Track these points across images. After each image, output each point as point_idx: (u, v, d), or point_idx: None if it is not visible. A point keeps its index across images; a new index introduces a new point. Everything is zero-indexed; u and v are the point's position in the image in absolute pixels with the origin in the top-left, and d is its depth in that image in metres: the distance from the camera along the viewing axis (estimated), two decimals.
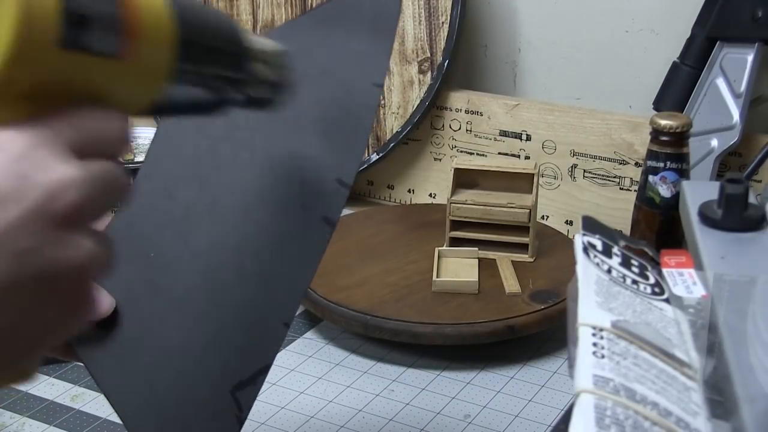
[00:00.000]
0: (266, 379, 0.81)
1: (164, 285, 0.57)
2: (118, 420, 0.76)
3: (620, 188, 1.03)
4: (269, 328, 0.54)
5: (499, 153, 1.10)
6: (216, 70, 0.44)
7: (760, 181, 0.97)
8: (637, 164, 1.01)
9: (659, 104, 0.97)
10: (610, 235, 0.55)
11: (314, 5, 1.11)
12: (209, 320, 0.56)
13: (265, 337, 0.55)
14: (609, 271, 0.52)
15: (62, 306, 0.36)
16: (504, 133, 1.09)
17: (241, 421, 0.54)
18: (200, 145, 0.59)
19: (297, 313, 0.92)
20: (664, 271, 0.55)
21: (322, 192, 0.56)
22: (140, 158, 0.89)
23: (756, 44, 0.92)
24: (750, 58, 0.92)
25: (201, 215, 0.58)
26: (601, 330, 0.46)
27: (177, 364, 0.55)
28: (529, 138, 1.08)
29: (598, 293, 0.49)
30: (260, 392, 0.80)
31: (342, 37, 0.58)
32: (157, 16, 0.39)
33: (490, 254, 0.94)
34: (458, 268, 0.91)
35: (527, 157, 1.08)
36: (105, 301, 0.55)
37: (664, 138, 0.81)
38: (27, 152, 0.34)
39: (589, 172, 1.05)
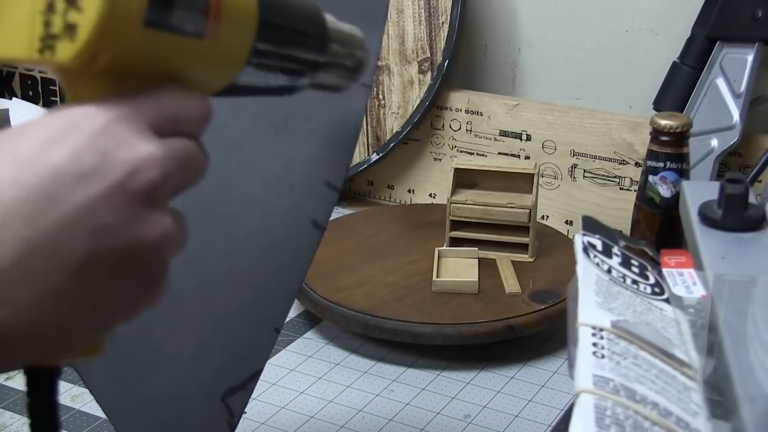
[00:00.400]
0: (266, 379, 0.82)
1: None
2: None
3: (620, 188, 1.03)
4: (260, 334, 0.55)
5: (499, 153, 1.10)
6: (296, 52, 0.43)
7: (760, 181, 0.96)
8: (637, 164, 1.01)
9: (659, 104, 0.97)
10: (610, 235, 0.55)
11: None
12: (201, 326, 0.56)
13: (256, 342, 0.55)
14: (609, 271, 0.52)
15: (138, 283, 0.36)
16: (504, 133, 1.09)
17: (232, 427, 0.54)
18: None
19: (296, 314, 0.92)
20: (664, 271, 0.55)
21: (311, 195, 0.56)
22: None
23: (756, 44, 0.92)
24: (750, 58, 0.92)
25: (192, 221, 0.58)
26: (601, 330, 0.46)
27: (168, 369, 0.55)
28: (529, 138, 1.08)
29: (598, 293, 0.49)
30: (260, 392, 0.80)
31: None
32: None
33: (490, 254, 0.94)
34: (458, 268, 0.91)
35: (527, 157, 1.08)
36: None
37: (664, 138, 0.81)
38: (109, 128, 0.34)
39: (589, 172, 1.05)
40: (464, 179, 0.96)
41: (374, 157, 1.13)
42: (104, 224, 0.34)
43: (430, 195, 1.15)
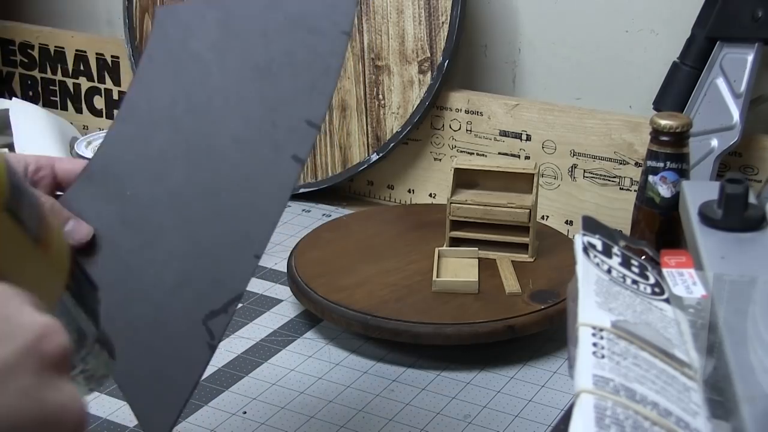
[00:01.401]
0: (266, 379, 0.82)
1: (139, 222, 0.60)
2: (118, 420, 0.77)
3: (620, 188, 1.03)
4: (241, 261, 0.58)
5: (499, 153, 1.10)
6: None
7: (760, 181, 0.97)
8: (637, 164, 1.01)
9: (659, 104, 0.97)
10: (610, 235, 0.55)
11: None
12: (183, 255, 0.59)
13: (237, 269, 0.58)
14: (609, 271, 0.52)
15: None
16: (504, 133, 1.09)
17: (212, 348, 0.57)
18: (175, 91, 0.62)
19: (296, 314, 0.92)
20: (664, 271, 0.56)
21: (293, 132, 0.59)
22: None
23: (756, 44, 0.92)
24: (750, 58, 0.92)
25: (176, 156, 0.61)
26: (601, 330, 0.46)
27: (151, 296, 0.59)
28: (529, 138, 1.08)
29: (598, 293, 0.49)
30: (260, 392, 0.80)
31: None
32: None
33: (490, 254, 0.94)
34: (458, 268, 0.91)
35: (527, 157, 1.08)
36: (83, 229, 0.58)
37: (664, 138, 0.81)
38: (2, 300, 0.35)
39: (589, 172, 1.05)
40: (464, 179, 0.96)
41: (374, 157, 1.13)
42: (24, 386, 0.33)
43: (430, 195, 1.15)
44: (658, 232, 0.83)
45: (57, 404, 0.35)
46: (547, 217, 1.08)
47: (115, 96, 1.31)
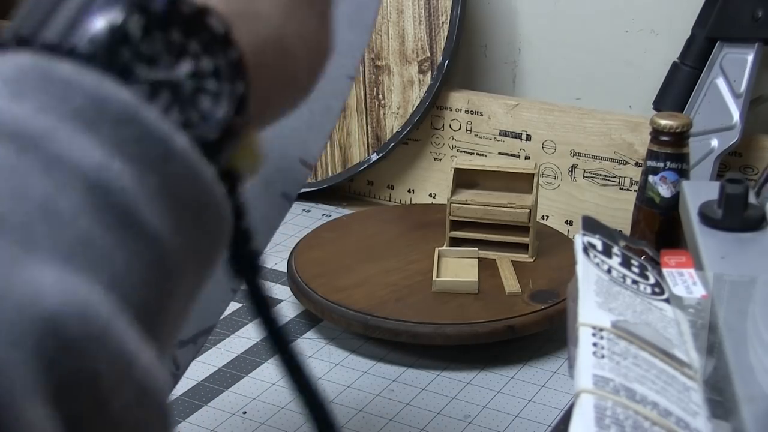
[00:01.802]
0: (266, 379, 0.82)
1: None
2: None
3: (620, 188, 1.03)
4: (217, 293, 0.57)
5: (499, 153, 1.10)
6: None
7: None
8: (637, 164, 1.01)
9: (659, 104, 0.97)
10: (610, 235, 0.55)
11: None
12: None
13: (212, 301, 0.57)
14: (609, 271, 0.52)
15: (316, 17, 0.38)
16: (504, 133, 1.09)
17: (176, 378, 0.55)
18: None
19: (296, 314, 0.92)
20: (664, 271, 0.55)
21: (286, 169, 0.58)
22: None
23: (756, 44, 0.92)
24: (750, 58, 0.92)
25: None
26: (601, 330, 0.46)
27: None
28: (529, 138, 1.08)
29: (598, 293, 0.49)
30: (260, 392, 0.80)
31: None
32: None
33: (490, 254, 0.94)
34: (458, 268, 0.91)
35: (527, 157, 1.08)
36: None
37: (664, 138, 0.81)
38: None
39: (589, 172, 1.05)
40: (464, 179, 0.96)
41: (374, 157, 1.13)
42: None
43: (430, 195, 1.15)
44: (658, 232, 0.83)
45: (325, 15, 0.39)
46: (547, 217, 1.08)
47: None
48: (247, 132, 0.36)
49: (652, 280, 0.54)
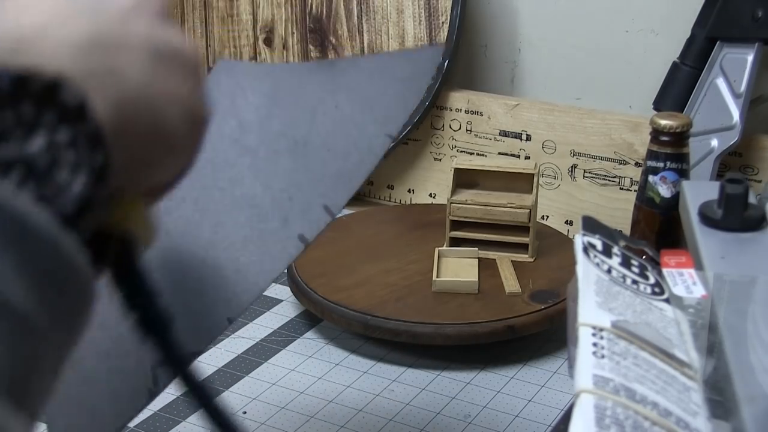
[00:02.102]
0: (266, 379, 0.82)
1: None
2: None
3: (620, 188, 1.03)
4: (212, 320, 0.56)
5: (499, 153, 1.10)
6: None
7: (760, 181, 0.97)
8: (637, 164, 1.01)
9: (659, 104, 0.97)
10: (610, 235, 0.55)
11: (313, 7, 1.12)
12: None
13: (205, 327, 0.56)
14: (609, 271, 0.52)
15: (186, 79, 0.38)
16: (504, 133, 1.09)
17: (152, 395, 0.55)
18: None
19: (296, 314, 0.92)
20: (664, 271, 0.56)
21: (307, 212, 0.58)
22: None
23: (756, 44, 0.92)
24: (750, 58, 0.92)
25: (180, 202, 0.60)
26: (601, 330, 0.46)
27: (110, 328, 0.57)
28: (529, 138, 1.08)
29: (598, 293, 0.49)
30: (260, 392, 0.80)
31: (373, 85, 0.61)
32: None
33: (490, 254, 0.94)
34: (458, 268, 0.91)
35: (527, 157, 1.08)
36: None
37: (664, 138, 0.81)
38: None
39: (589, 172, 1.05)
40: (464, 179, 0.96)
41: None
42: (147, 22, 0.37)
43: (430, 195, 1.15)
44: (658, 232, 0.83)
45: (178, 39, 0.38)
46: (547, 217, 1.08)
47: None
48: (121, 200, 0.36)
49: (652, 280, 0.54)
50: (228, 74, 0.63)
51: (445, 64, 1.08)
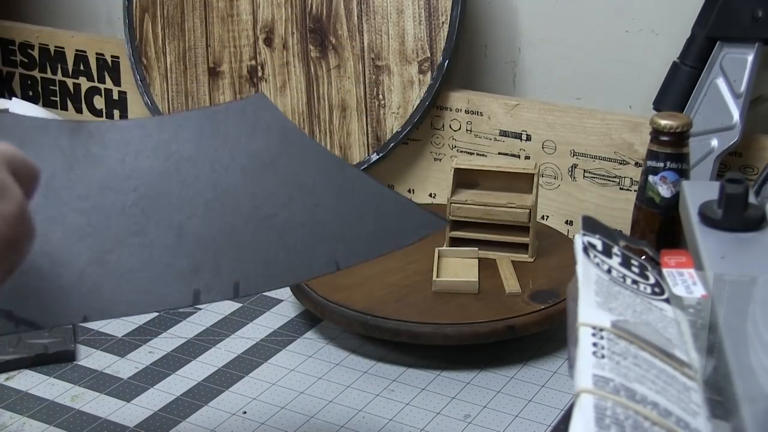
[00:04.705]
0: (266, 379, 0.82)
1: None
2: (118, 420, 0.77)
3: (620, 188, 1.03)
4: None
5: (499, 153, 1.10)
6: None
7: None
8: (637, 164, 1.01)
9: (659, 104, 0.97)
10: (610, 235, 0.55)
11: (313, 7, 1.11)
12: None
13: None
14: (609, 271, 0.52)
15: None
16: (504, 133, 1.09)
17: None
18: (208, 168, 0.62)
19: (296, 314, 0.92)
20: (664, 271, 0.56)
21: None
22: None
23: (756, 44, 0.92)
24: (750, 58, 0.92)
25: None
26: (601, 330, 0.46)
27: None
28: (529, 138, 1.08)
29: (598, 293, 0.49)
30: (260, 392, 0.80)
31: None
32: None
33: (490, 254, 0.94)
34: (458, 268, 0.91)
35: (527, 157, 1.08)
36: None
37: (664, 138, 0.81)
38: None
39: (589, 172, 1.05)
40: (464, 179, 0.96)
41: (374, 157, 1.13)
42: None
43: (430, 195, 1.15)
44: (658, 232, 0.83)
45: None
46: (547, 217, 1.08)
47: (115, 96, 1.31)
48: None
49: (652, 280, 0.54)
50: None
51: (445, 64, 1.08)
